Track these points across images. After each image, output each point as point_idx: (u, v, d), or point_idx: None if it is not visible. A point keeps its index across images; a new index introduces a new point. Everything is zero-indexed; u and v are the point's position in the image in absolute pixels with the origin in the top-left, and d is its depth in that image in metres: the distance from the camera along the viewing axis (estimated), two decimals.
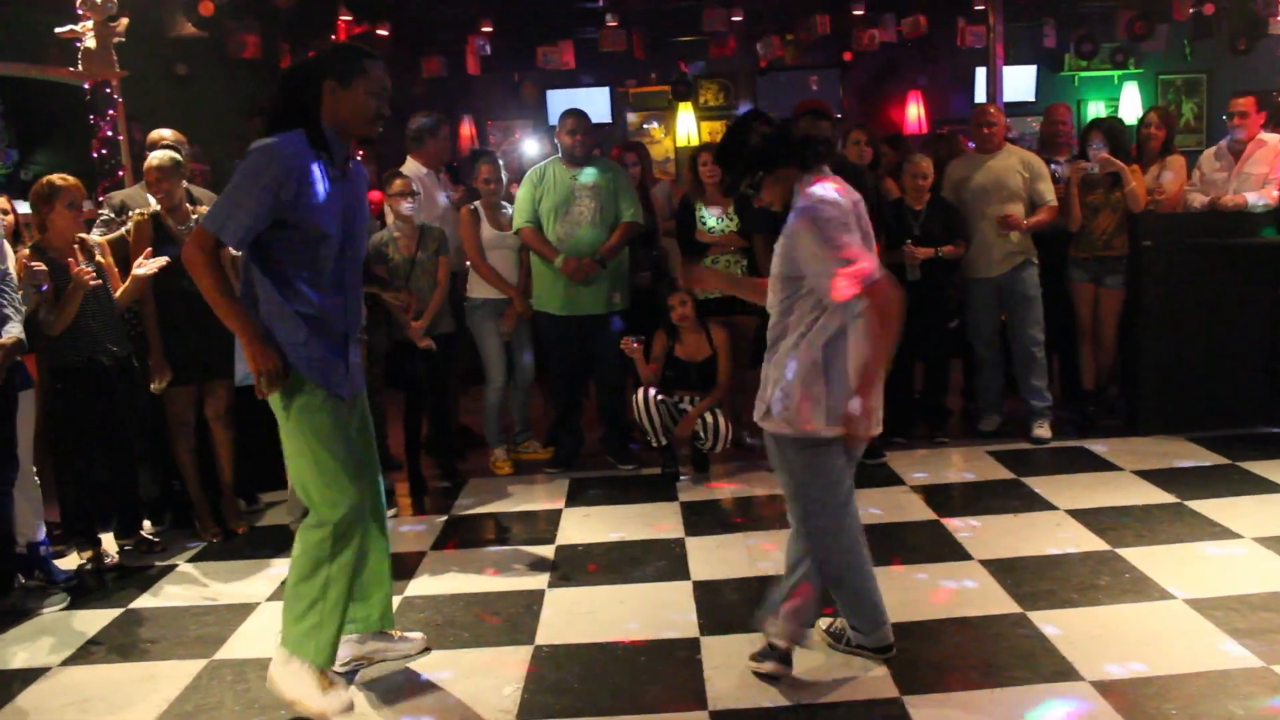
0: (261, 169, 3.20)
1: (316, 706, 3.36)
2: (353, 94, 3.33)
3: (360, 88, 3.34)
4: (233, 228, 3.21)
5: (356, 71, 3.33)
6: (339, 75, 3.32)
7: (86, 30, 6.07)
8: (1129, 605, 3.97)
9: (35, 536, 4.64)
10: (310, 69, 3.40)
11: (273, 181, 3.19)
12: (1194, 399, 6.15)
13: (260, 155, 3.22)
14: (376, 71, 3.37)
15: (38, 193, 4.69)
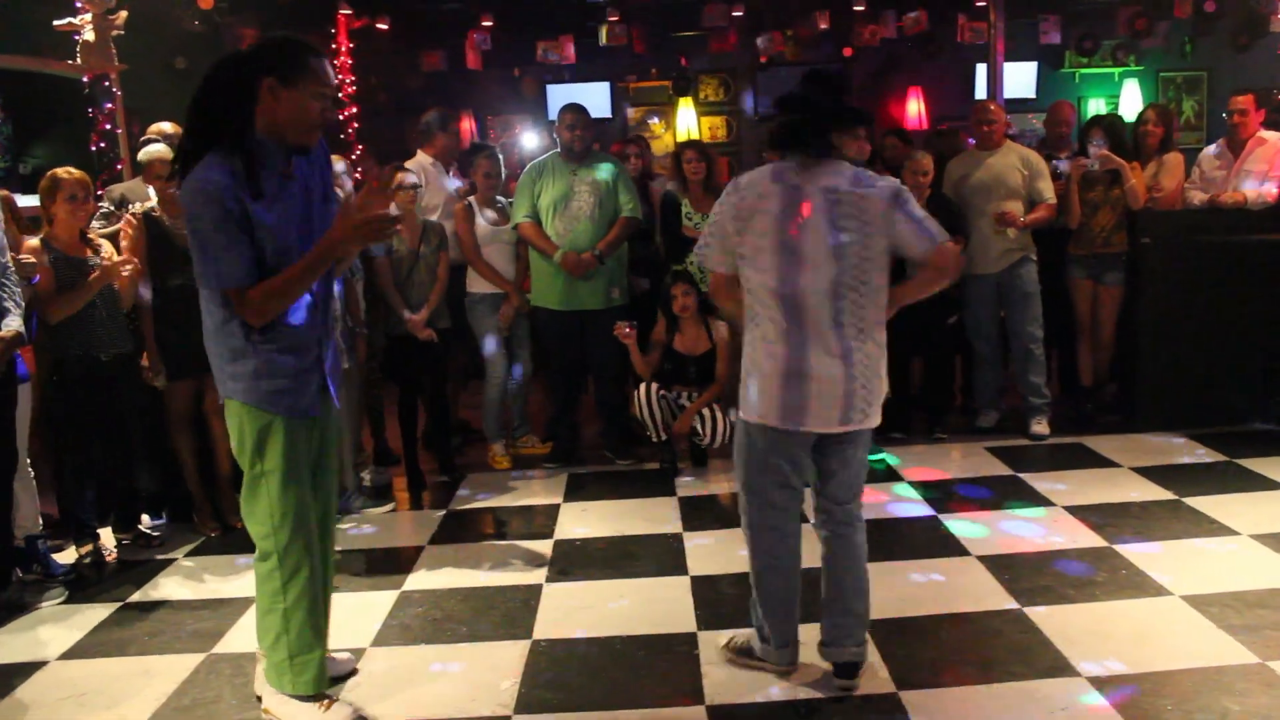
0: (208, 209, 2.96)
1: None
2: (295, 94, 3.01)
3: (304, 88, 3.01)
4: (239, 272, 3.00)
5: (301, 69, 3.00)
6: (281, 72, 2.99)
7: (85, 23, 6.07)
8: (1125, 601, 3.97)
9: (33, 530, 4.64)
10: (246, 62, 3.04)
11: (227, 206, 2.96)
12: (1192, 396, 6.15)
13: (197, 199, 2.96)
14: (323, 70, 3.04)
15: (43, 186, 4.70)
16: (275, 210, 3.07)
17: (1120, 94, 11.81)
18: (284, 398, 3.19)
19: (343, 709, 3.36)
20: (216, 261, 3.00)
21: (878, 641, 3.71)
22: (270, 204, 3.06)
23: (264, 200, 3.04)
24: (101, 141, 6.27)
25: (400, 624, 4.09)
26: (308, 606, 3.29)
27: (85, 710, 3.53)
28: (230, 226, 2.97)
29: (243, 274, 3.02)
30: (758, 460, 3.38)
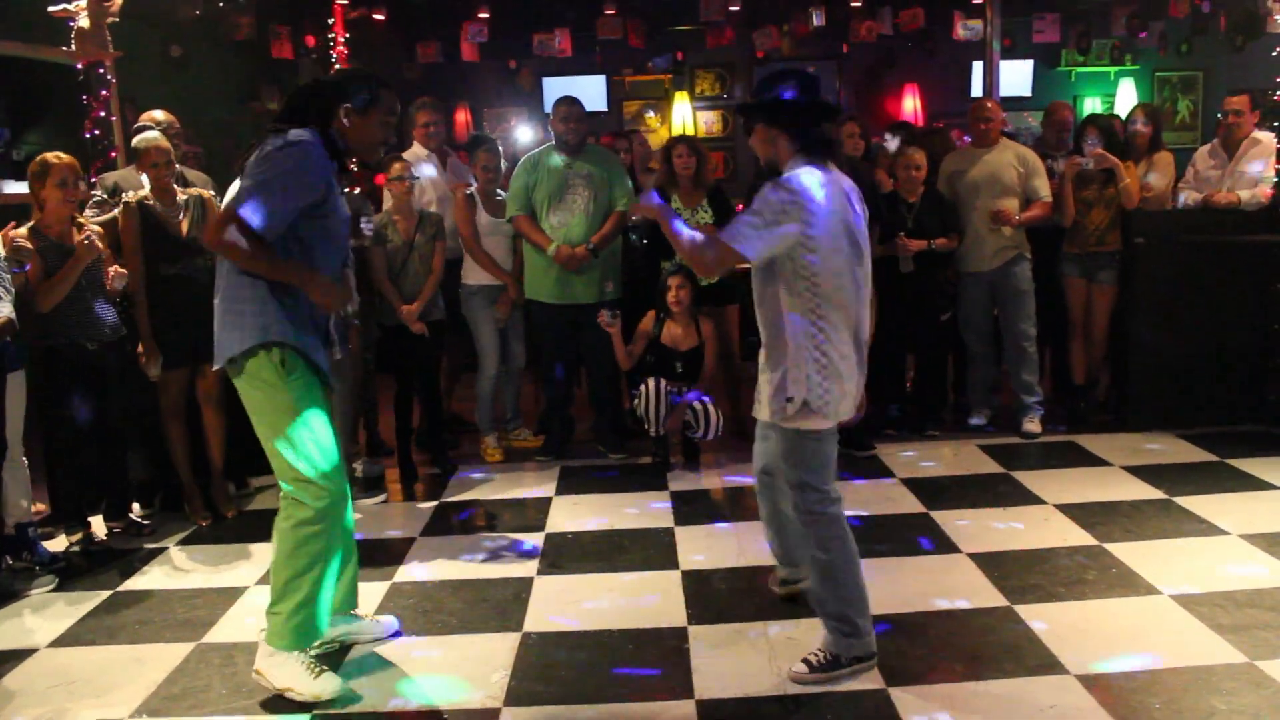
0: (304, 167, 3.27)
1: (309, 692, 3.37)
2: (367, 122, 3.45)
3: (374, 117, 3.46)
4: (274, 224, 3.23)
5: (373, 101, 3.45)
6: (356, 102, 3.43)
7: (80, 10, 6.04)
8: (1115, 600, 3.98)
9: (24, 518, 4.63)
10: (328, 90, 3.47)
11: (314, 180, 3.28)
12: (1183, 395, 6.17)
13: (300, 153, 3.27)
14: (390, 100, 3.51)
15: (33, 171, 4.69)
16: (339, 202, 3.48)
17: (1116, 93, 11.82)
18: (313, 349, 3.42)
19: (331, 680, 3.41)
20: (271, 201, 3.22)
21: None
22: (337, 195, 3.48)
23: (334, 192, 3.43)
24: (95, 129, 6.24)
25: (391, 614, 4.09)
26: (329, 562, 3.43)
27: (75, 698, 3.52)
28: (304, 194, 3.27)
29: (273, 228, 3.23)
30: (826, 460, 3.48)
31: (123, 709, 3.44)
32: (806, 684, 3.40)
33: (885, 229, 5.99)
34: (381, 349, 5.81)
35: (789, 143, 3.41)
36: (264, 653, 3.45)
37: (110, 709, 3.44)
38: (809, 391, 3.34)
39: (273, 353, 3.33)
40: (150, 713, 3.42)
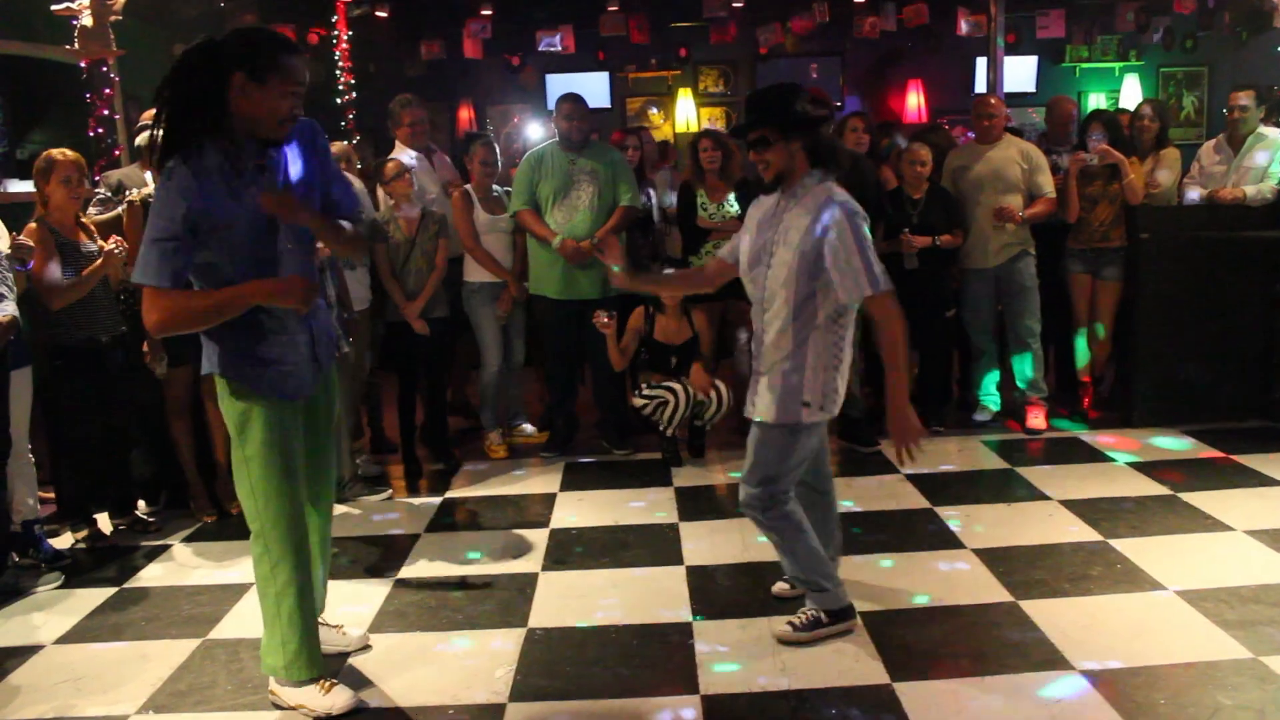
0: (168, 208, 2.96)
1: (322, 707, 3.34)
2: (266, 91, 3.00)
3: (274, 85, 3.00)
4: (165, 269, 2.97)
5: (271, 66, 2.99)
6: (251, 68, 2.98)
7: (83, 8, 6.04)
8: (1120, 596, 3.98)
9: (30, 515, 4.64)
10: (218, 54, 3.01)
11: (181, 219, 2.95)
12: (1189, 391, 6.16)
13: (162, 194, 2.98)
14: (294, 67, 3.03)
15: (38, 167, 4.70)
16: (244, 204, 3.07)
17: (1121, 89, 11.80)
18: (266, 380, 3.22)
19: (342, 692, 3.38)
20: (149, 255, 2.98)
21: (872, 633, 3.72)
22: (241, 194, 3.06)
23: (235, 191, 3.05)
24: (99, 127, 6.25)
25: (396, 611, 4.10)
26: (297, 590, 3.32)
27: (81, 694, 3.53)
28: (176, 230, 2.95)
29: (169, 277, 2.98)
30: (805, 456, 3.65)
31: (129, 705, 3.44)
32: (791, 643, 3.66)
33: (890, 226, 5.98)
34: (385, 346, 5.81)
35: (805, 156, 3.53)
36: (271, 679, 3.44)
37: (116, 705, 3.45)
38: (824, 396, 3.54)
39: (220, 379, 3.25)
40: (156, 709, 3.43)
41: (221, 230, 3.04)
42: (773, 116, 3.53)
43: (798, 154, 3.52)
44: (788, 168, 3.54)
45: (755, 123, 3.56)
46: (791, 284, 3.48)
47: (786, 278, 3.48)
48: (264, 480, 3.24)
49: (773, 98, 3.58)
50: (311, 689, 3.36)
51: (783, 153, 3.52)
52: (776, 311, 3.54)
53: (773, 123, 3.52)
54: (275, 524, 3.27)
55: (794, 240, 3.47)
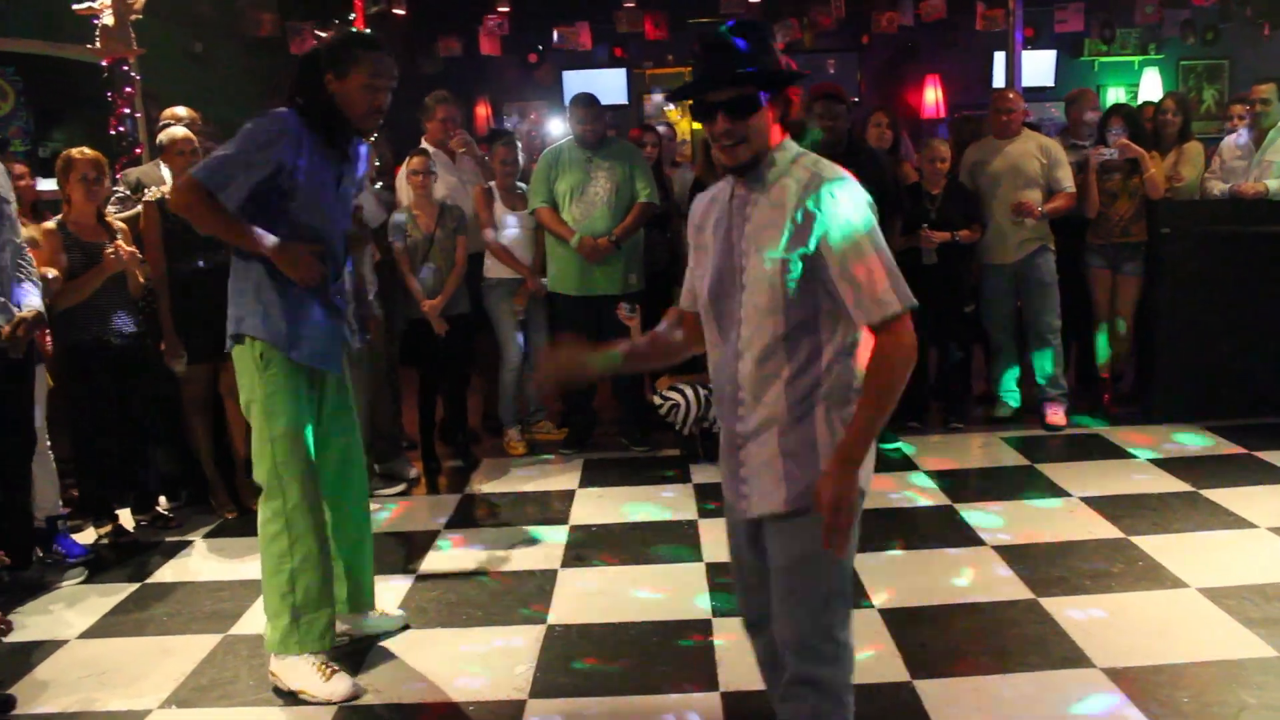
0: (272, 136, 3.24)
1: (322, 694, 3.39)
2: (348, 86, 3.31)
3: (355, 80, 3.30)
4: (234, 190, 3.20)
5: (351, 62, 3.29)
6: (335, 67, 3.31)
7: (104, 7, 6.07)
8: (1142, 593, 3.96)
9: (53, 511, 4.68)
10: (312, 58, 3.39)
11: (279, 151, 3.23)
12: (1210, 387, 6.12)
13: (269, 123, 3.26)
14: (373, 62, 3.32)
15: (58, 167, 4.73)
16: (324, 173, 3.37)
17: (1140, 82, 11.72)
18: (301, 345, 3.36)
19: (343, 680, 3.42)
20: (232, 168, 3.21)
21: (892, 630, 3.71)
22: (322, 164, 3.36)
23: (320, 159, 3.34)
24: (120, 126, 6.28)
25: (416, 607, 4.11)
26: (315, 565, 3.40)
27: (104, 688, 3.56)
28: (269, 166, 3.22)
29: (233, 195, 3.21)
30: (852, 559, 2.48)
31: (151, 699, 3.47)
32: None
33: (908, 221, 5.97)
34: (406, 342, 5.83)
35: (778, 130, 2.40)
36: (273, 657, 3.48)
37: (139, 699, 3.47)
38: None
39: (253, 344, 3.36)
40: (179, 703, 3.45)
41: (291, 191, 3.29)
42: (761, 65, 2.33)
43: (769, 122, 2.36)
44: (762, 141, 2.35)
45: (735, 76, 2.31)
46: (779, 309, 2.33)
47: (771, 302, 2.33)
48: (289, 458, 3.35)
49: (755, 37, 2.36)
50: (313, 673, 3.40)
51: (766, 118, 2.34)
52: (763, 352, 2.36)
53: (760, 76, 2.33)
54: (299, 503, 3.37)
55: (767, 243, 2.33)
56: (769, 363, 2.37)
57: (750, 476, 2.43)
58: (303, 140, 3.28)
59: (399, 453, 5.82)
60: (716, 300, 2.45)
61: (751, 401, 2.41)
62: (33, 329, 4.19)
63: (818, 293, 2.32)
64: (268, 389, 3.35)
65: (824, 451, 2.35)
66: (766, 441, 2.40)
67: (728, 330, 2.43)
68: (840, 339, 2.35)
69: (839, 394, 2.36)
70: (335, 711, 3.35)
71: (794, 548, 2.37)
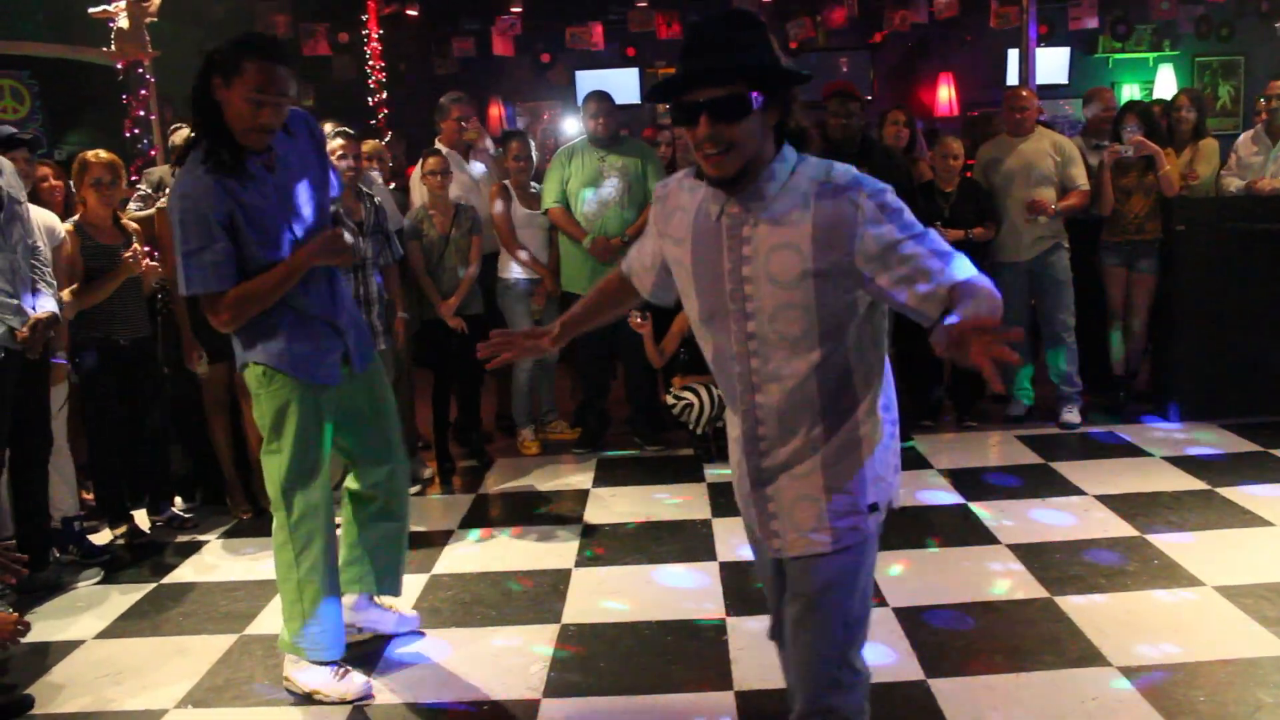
0: (195, 211, 3.06)
1: (336, 693, 3.40)
2: (231, 95, 3.03)
3: (238, 89, 3.01)
4: (216, 277, 3.10)
5: (233, 70, 3.00)
6: (221, 71, 3.04)
7: (119, 10, 6.10)
8: (1157, 591, 3.94)
9: (70, 512, 4.70)
10: (206, 61, 3.09)
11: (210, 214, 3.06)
12: (1225, 385, 6.08)
13: (181, 204, 3.08)
14: (259, 71, 2.99)
15: (75, 169, 4.76)
16: (258, 204, 3.15)
17: (1155, 79, 11.67)
18: (301, 363, 3.32)
19: (357, 679, 3.44)
20: (197, 263, 3.09)
21: (907, 629, 3.71)
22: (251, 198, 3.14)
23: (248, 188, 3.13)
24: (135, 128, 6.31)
25: (430, 607, 4.12)
26: (322, 576, 3.40)
27: (120, 688, 3.58)
28: (203, 235, 3.05)
29: (218, 280, 3.11)
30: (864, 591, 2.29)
31: (167, 699, 3.49)
32: None
33: (921, 219, 5.93)
34: (420, 343, 5.84)
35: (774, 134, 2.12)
36: (288, 658, 3.50)
37: (155, 699, 3.49)
38: (893, 487, 2.30)
39: (254, 367, 3.34)
40: (195, 703, 3.47)
41: (253, 223, 3.14)
42: (755, 62, 2.04)
43: (767, 126, 2.08)
44: (755, 148, 2.07)
45: (721, 74, 2.02)
46: (813, 333, 2.12)
47: (804, 329, 2.12)
48: (294, 468, 3.34)
49: (747, 26, 2.06)
50: (326, 674, 3.41)
51: (760, 123, 2.06)
52: (794, 382, 2.16)
53: (752, 72, 2.04)
54: (306, 513, 3.36)
55: (782, 268, 2.09)
56: (799, 391, 2.16)
57: (781, 513, 2.23)
58: (214, 186, 3.07)
59: (414, 453, 5.83)
60: (709, 323, 2.23)
61: (778, 434, 2.21)
62: (48, 330, 4.21)
63: (846, 301, 2.11)
64: (274, 403, 3.33)
65: (874, 470, 2.19)
66: (801, 474, 2.20)
67: (731, 363, 2.22)
68: (868, 336, 2.18)
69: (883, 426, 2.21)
70: (350, 711, 3.36)
71: (818, 579, 2.20)
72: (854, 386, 2.18)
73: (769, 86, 2.06)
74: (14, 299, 4.09)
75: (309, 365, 3.34)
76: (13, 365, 4.13)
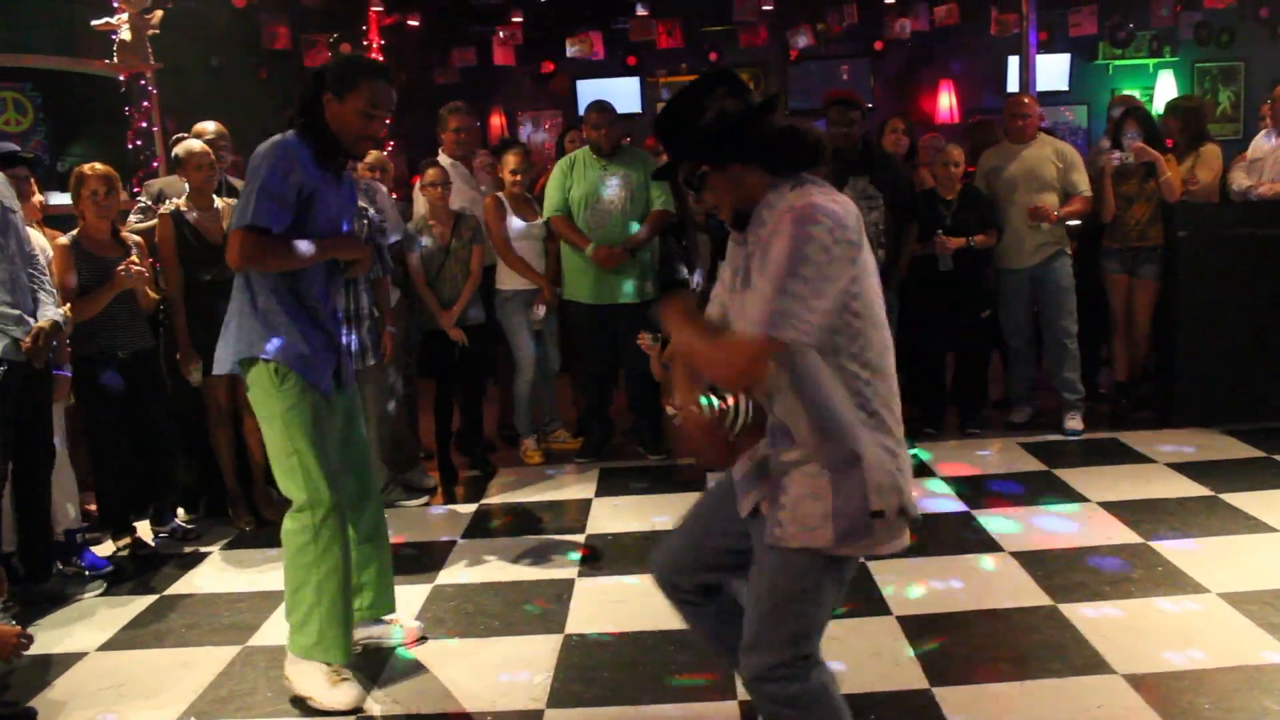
0: (287, 163, 3.28)
1: (327, 701, 3.40)
2: (344, 109, 3.34)
3: (351, 104, 3.33)
4: (278, 219, 3.27)
5: (350, 86, 3.33)
6: (335, 87, 3.35)
7: (122, 23, 6.13)
8: (1162, 599, 3.94)
9: (72, 524, 4.70)
10: (318, 76, 3.42)
11: (293, 175, 3.28)
12: (1229, 391, 6.08)
13: (269, 155, 3.29)
14: (371, 90, 3.34)
15: (72, 182, 4.77)
16: (324, 196, 3.40)
17: (1155, 85, 11.67)
18: (312, 367, 3.41)
19: (350, 689, 3.43)
20: (264, 199, 3.26)
21: (910, 637, 3.70)
22: (322, 187, 3.39)
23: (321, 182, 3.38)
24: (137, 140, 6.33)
25: (433, 617, 4.12)
26: (340, 579, 3.43)
27: (124, 700, 3.57)
28: (284, 183, 3.27)
29: (278, 221, 3.27)
30: (832, 596, 2.47)
31: (170, 711, 3.48)
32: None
33: (923, 227, 5.96)
34: (422, 353, 5.85)
35: (755, 170, 2.38)
36: (289, 658, 3.50)
37: (158, 711, 3.49)
38: (902, 495, 2.42)
39: (266, 365, 3.38)
40: (198, 715, 3.46)
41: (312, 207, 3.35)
42: (685, 143, 2.41)
43: (744, 174, 2.38)
44: (742, 196, 2.40)
45: (673, 160, 2.49)
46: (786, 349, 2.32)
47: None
48: (317, 467, 3.38)
49: (674, 117, 2.42)
50: (322, 680, 3.41)
51: (723, 183, 2.40)
52: (783, 386, 2.40)
53: (689, 151, 2.42)
54: (327, 514, 3.39)
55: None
56: (791, 400, 2.39)
57: (790, 505, 2.39)
58: (305, 161, 3.34)
59: (416, 463, 5.83)
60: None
61: (790, 434, 2.42)
62: (50, 339, 4.22)
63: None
64: (286, 402, 3.37)
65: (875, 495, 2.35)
66: (810, 474, 2.38)
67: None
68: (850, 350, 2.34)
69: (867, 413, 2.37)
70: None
71: (780, 580, 2.41)
72: (838, 398, 2.35)
73: (706, 156, 2.39)
74: (15, 309, 4.10)
75: (317, 371, 3.42)
76: (15, 377, 4.13)
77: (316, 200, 3.36)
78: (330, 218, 3.45)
